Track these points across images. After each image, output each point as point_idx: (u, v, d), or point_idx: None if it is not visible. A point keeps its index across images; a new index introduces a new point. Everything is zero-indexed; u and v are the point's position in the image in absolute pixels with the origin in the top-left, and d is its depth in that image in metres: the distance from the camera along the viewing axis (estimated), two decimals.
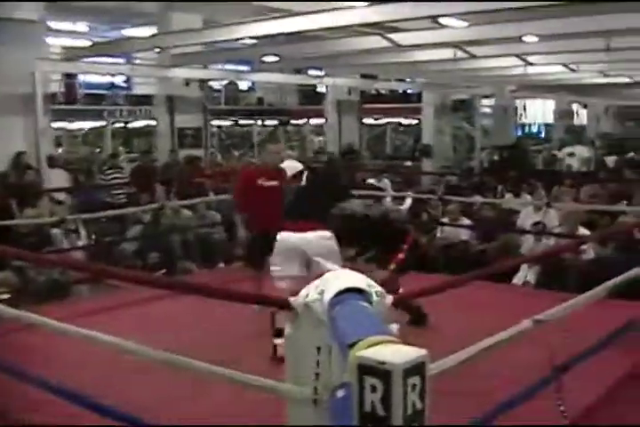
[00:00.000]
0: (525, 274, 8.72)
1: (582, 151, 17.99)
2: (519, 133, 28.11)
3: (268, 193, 7.03)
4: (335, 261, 5.79)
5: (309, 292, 2.64)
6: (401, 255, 6.46)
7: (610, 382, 5.06)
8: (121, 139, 23.39)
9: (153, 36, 12.92)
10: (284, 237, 5.88)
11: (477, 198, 12.07)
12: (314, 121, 25.71)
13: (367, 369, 1.63)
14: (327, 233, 5.92)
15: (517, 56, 13.55)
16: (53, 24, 14.71)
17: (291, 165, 8.46)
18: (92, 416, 3.90)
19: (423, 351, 1.69)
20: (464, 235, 10.02)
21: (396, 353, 1.65)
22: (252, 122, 26.31)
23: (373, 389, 1.61)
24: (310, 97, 26.20)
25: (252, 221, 7.20)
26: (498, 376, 4.87)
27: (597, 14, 9.12)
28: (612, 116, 28.46)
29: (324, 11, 9.16)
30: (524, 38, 10.94)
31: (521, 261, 8.12)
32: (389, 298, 2.66)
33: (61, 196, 11.00)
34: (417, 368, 1.63)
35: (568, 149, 18.26)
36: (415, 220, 10.97)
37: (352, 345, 1.74)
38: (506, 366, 4.89)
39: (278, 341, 5.02)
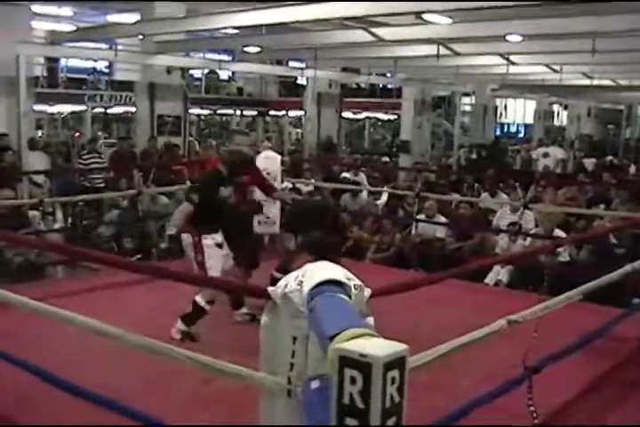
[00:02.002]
0: (497, 274, 8.77)
1: (556, 152, 18.06)
2: (498, 133, 28.26)
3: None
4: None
5: (289, 282, 2.64)
6: None
7: (581, 384, 5.10)
8: (101, 124, 23.29)
9: (137, 22, 12.85)
10: None
11: (455, 196, 12.12)
12: (293, 113, 25.67)
13: (348, 361, 1.64)
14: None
15: (500, 55, 13.60)
16: (37, 8, 14.54)
17: (269, 155, 8.50)
18: (66, 397, 3.89)
19: (404, 346, 1.70)
20: (439, 232, 10.05)
21: (377, 346, 1.66)
22: (231, 112, 26.24)
23: (353, 381, 1.62)
24: (290, 89, 26.17)
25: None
26: (469, 374, 4.91)
27: (583, 15, 9.17)
28: (592, 118, 28.65)
29: (307, 2, 9.15)
30: (507, 37, 10.98)
31: (497, 262, 8.14)
32: (368, 291, 2.67)
33: (40, 178, 10.98)
34: (397, 362, 1.64)
35: (542, 150, 18.34)
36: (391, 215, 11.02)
37: (333, 337, 1.75)
38: (478, 365, 4.93)
39: None
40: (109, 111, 22.91)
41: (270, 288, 2.77)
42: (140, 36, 12.49)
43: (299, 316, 2.55)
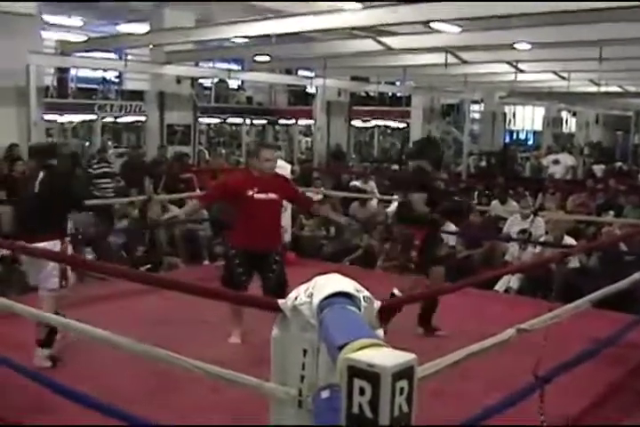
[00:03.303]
0: (508, 281, 8.77)
1: (567, 159, 18.06)
2: (507, 140, 28.26)
3: (260, 207, 6.09)
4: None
5: (299, 295, 2.66)
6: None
7: (593, 393, 5.08)
8: (111, 133, 23.37)
9: (147, 32, 12.94)
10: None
11: None
12: (303, 121, 25.71)
13: (356, 371, 1.65)
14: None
15: (509, 63, 13.64)
16: (48, 18, 14.67)
17: (279, 165, 8.49)
18: (73, 406, 3.92)
19: (412, 356, 1.72)
20: (451, 240, 10.04)
21: (386, 357, 1.68)
22: (240, 121, 26.29)
23: (362, 391, 1.64)
24: (300, 97, 26.21)
25: (238, 236, 6.28)
26: (479, 384, 4.90)
27: (591, 23, 9.20)
28: (602, 125, 28.64)
29: (316, 13, 9.21)
30: (516, 45, 11.02)
31: (508, 271, 8.13)
32: (377, 303, 2.69)
33: None
34: (406, 372, 1.66)
35: (553, 157, 18.34)
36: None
37: (342, 347, 1.77)
38: (488, 374, 4.92)
39: None
40: (119, 120, 22.99)
41: (281, 301, 2.78)
42: (150, 46, 12.58)
43: (309, 328, 2.56)
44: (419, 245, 6.23)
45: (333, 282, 2.54)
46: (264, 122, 27.00)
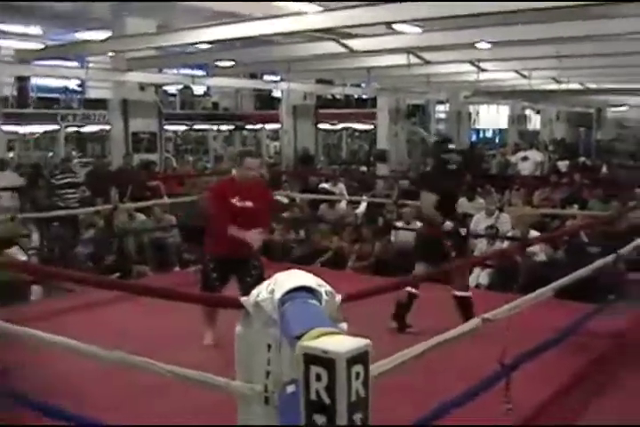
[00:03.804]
0: (477, 276, 8.85)
1: (535, 155, 18.25)
2: (474, 138, 28.47)
3: (242, 215, 6.08)
4: None
5: (260, 291, 2.68)
6: None
7: (558, 381, 5.15)
8: (74, 143, 23.19)
9: (107, 39, 12.86)
10: None
11: None
12: (270, 126, 25.72)
13: (312, 358, 1.67)
14: None
15: (471, 62, 13.73)
16: (5, 26, 14.55)
17: None
18: (45, 419, 3.90)
19: (366, 341, 1.74)
20: None
21: (340, 343, 1.70)
22: (207, 127, 26.25)
23: (318, 377, 1.66)
24: (266, 102, 26.25)
25: (216, 242, 6.25)
26: (448, 373, 4.94)
27: (549, 22, 9.31)
28: (565, 122, 28.96)
29: (277, 16, 9.22)
30: (477, 45, 11.10)
31: (468, 264, 8.20)
32: (339, 297, 2.71)
33: (6, 201, 10.94)
34: (360, 357, 1.68)
35: (521, 154, 18.52)
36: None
37: (299, 337, 1.78)
38: (456, 365, 4.96)
39: None
40: (83, 130, 22.82)
41: (243, 298, 2.79)
42: (111, 53, 12.50)
43: (271, 324, 2.58)
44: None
45: (294, 277, 2.57)
46: (231, 127, 26.99)
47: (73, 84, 21.71)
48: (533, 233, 8.94)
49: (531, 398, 4.65)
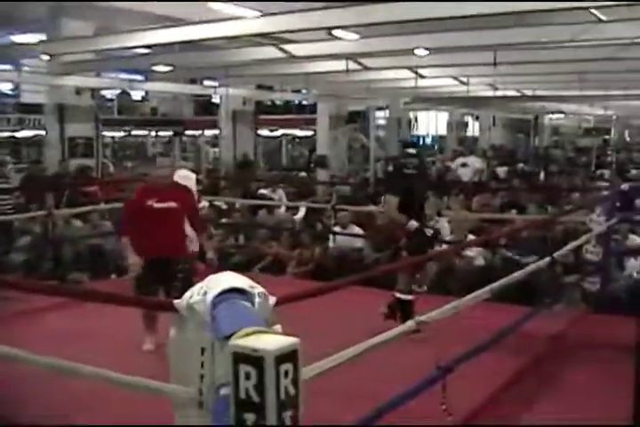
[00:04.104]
0: None
1: (474, 162, 18.45)
2: None
3: (160, 216, 6.23)
4: None
5: (193, 293, 2.65)
6: None
7: (494, 383, 5.20)
8: (9, 148, 22.77)
9: (41, 42, 12.65)
10: None
11: (371, 207, 12.22)
12: (209, 132, 25.59)
13: (241, 357, 1.65)
14: None
15: (409, 68, 13.84)
16: None
17: (184, 175, 8.45)
18: None
19: (295, 339, 1.72)
20: (358, 243, 10.13)
21: (269, 341, 1.69)
22: (145, 132, 26.01)
23: (247, 376, 1.64)
24: (206, 107, 26.13)
25: (140, 246, 6.26)
26: (383, 376, 4.95)
27: (485, 29, 9.43)
28: (503, 128, 29.36)
29: (216, 21, 9.18)
30: (415, 51, 11.18)
31: (398, 267, 8.26)
32: (272, 299, 2.69)
33: None
34: (289, 355, 1.67)
35: (461, 160, 18.72)
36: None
37: (229, 337, 1.76)
38: (392, 367, 4.98)
39: None
40: (18, 135, 22.42)
41: (176, 300, 2.76)
42: (46, 57, 12.28)
43: (205, 326, 2.55)
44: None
45: (226, 279, 2.55)
46: (170, 133, 26.79)
47: (6, 88, 21.32)
48: (471, 238, 9.04)
49: (469, 399, 4.68)
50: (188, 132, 27.15)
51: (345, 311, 6.62)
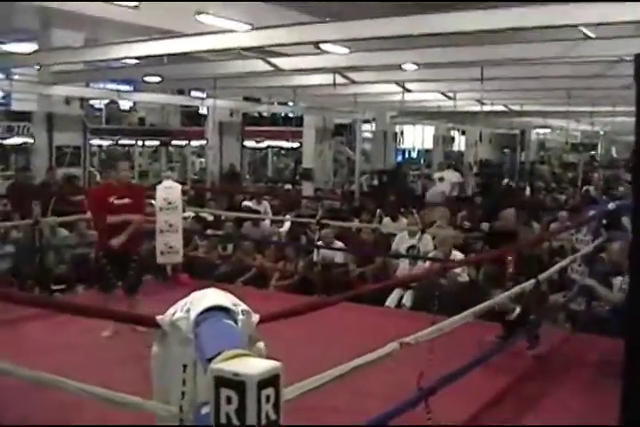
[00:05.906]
0: (399, 296, 8.91)
1: (451, 176, 18.51)
2: (400, 158, 28.76)
3: (121, 211, 7.10)
4: None
5: (176, 310, 2.67)
6: None
7: (479, 402, 5.18)
8: None
9: (33, 52, 12.65)
10: None
11: (355, 223, 12.25)
12: (196, 142, 25.57)
13: (223, 381, 1.67)
14: None
15: (397, 83, 13.92)
16: None
17: (169, 185, 8.48)
18: None
19: (277, 364, 1.74)
20: (338, 257, 10.10)
21: (251, 365, 1.70)
22: (133, 142, 25.97)
23: (229, 400, 1.65)
24: (193, 118, 26.13)
25: (103, 239, 7.20)
26: (368, 396, 4.95)
27: (472, 45, 9.51)
28: (490, 144, 29.47)
29: (206, 33, 9.21)
30: (403, 66, 11.25)
31: (387, 284, 8.30)
32: (256, 316, 2.71)
33: None
34: (271, 380, 1.68)
35: (438, 174, 18.80)
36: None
37: (212, 359, 1.78)
38: (375, 387, 4.98)
39: None
40: (6, 142, 22.36)
41: (159, 317, 2.77)
42: (37, 66, 12.30)
43: (187, 343, 2.57)
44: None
45: (210, 297, 2.57)
46: (157, 143, 26.76)
47: None
48: (456, 253, 9.03)
49: (451, 419, 4.67)
50: (175, 143, 27.11)
51: (331, 328, 6.59)
